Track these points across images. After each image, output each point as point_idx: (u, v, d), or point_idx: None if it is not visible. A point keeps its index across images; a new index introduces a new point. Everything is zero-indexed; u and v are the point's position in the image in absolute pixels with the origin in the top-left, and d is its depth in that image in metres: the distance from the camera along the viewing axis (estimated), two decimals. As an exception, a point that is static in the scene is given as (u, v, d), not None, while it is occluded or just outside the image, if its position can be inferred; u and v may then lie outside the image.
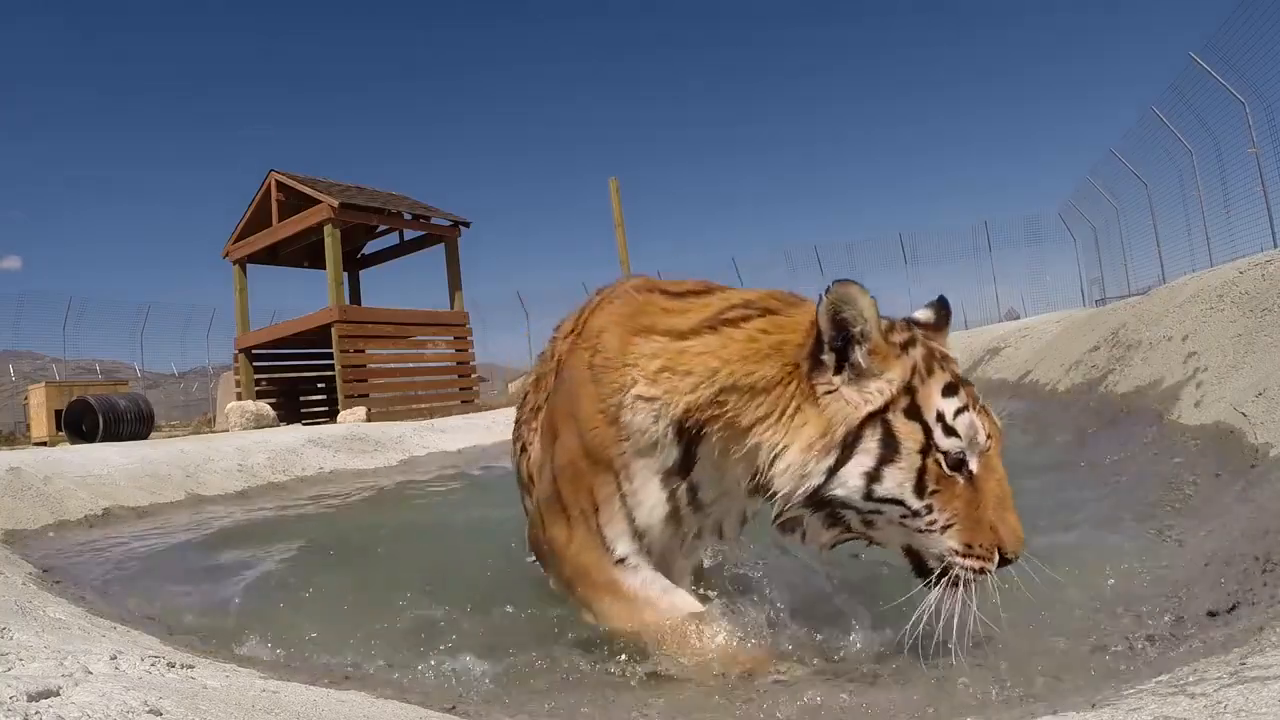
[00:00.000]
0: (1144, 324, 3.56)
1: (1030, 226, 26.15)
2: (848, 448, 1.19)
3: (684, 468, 1.36)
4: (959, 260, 32.30)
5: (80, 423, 9.12)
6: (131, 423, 8.89)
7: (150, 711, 0.83)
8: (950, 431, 1.19)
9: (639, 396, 1.33)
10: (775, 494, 1.23)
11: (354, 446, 6.08)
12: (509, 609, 1.77)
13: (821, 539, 1.28)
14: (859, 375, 1.22)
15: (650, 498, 1.38)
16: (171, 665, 1.14)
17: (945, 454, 1.18)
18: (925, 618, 1.19)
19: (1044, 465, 2.93)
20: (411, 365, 12.26)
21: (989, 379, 6.64)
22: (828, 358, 1.22)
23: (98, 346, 24.23)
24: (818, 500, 1.22)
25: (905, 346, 1.25)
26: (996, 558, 1.18)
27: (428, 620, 1.83)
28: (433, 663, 1.48)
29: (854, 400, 1.21)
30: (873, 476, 1.19)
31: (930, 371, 1.23)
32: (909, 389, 1.21)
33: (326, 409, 12.63)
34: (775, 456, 1.23)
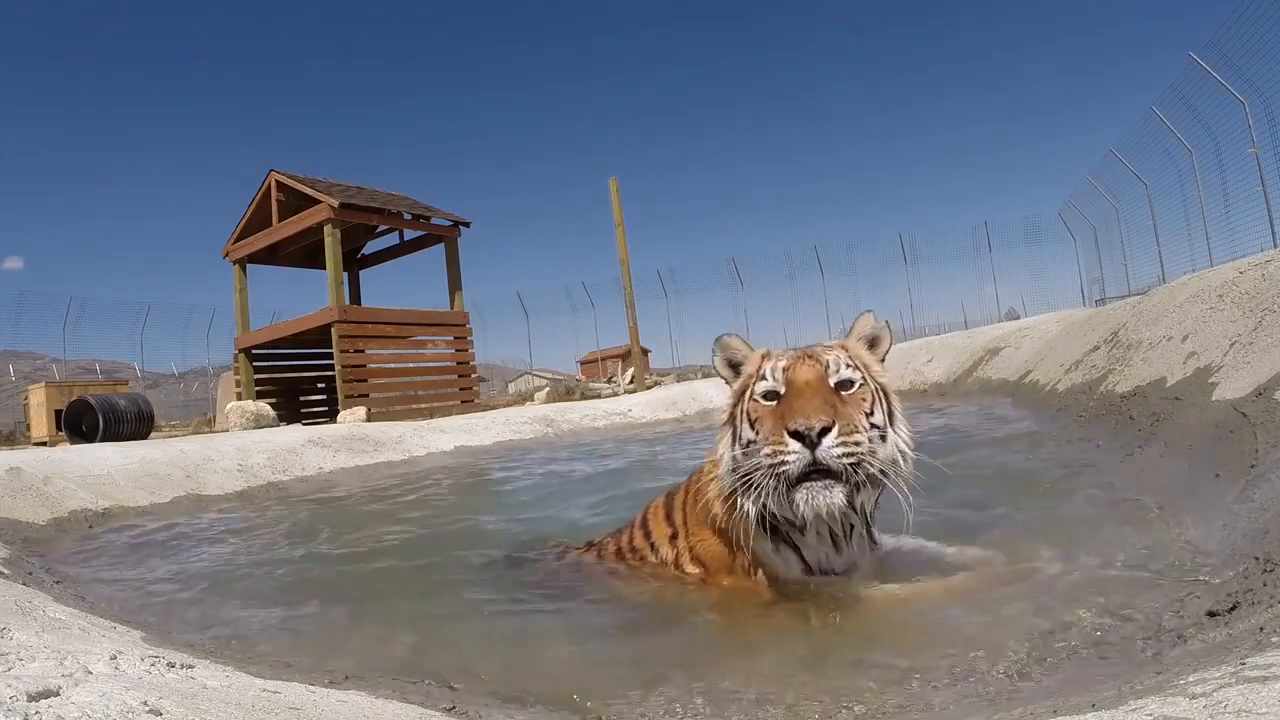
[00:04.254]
0: (1144, 324, 3.56)
1: (1030, 226, 26.19)
2: (730, 421, 1.70)
3: None
4: (959, 260, 32.44)
5: (80, 423, 9.11)
6: (131, 423, 8.88)
7: (150, 711, 0.83)
8: (763, 378, 1.64)
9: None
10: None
11: (354, 446, 6.07)
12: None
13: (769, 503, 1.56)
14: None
15: None
16: (171, 665, 1.13)
17: (761, 393, 1.61)
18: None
19: (1043, 466, 2.93)
20: (411, 365, 12.25)
21: (989, 379, 6.64)
22: (734, 384, 1.74)
23: (98, 346, 24.24)
24: (738, 471, 1.59)
25: (765, 357, 1.71)
26: (786, 438, 1.46)
27: (429, 618, 1.82)
28: (433, 661, 1.48)
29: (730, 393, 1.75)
30: (736, 434, 1.65)
31: (768, 357, 1.69)
32: (758, 370, 1.67)
33: (326, 409, 12.63)
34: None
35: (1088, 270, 25.01)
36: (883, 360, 1.74)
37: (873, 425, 1.55)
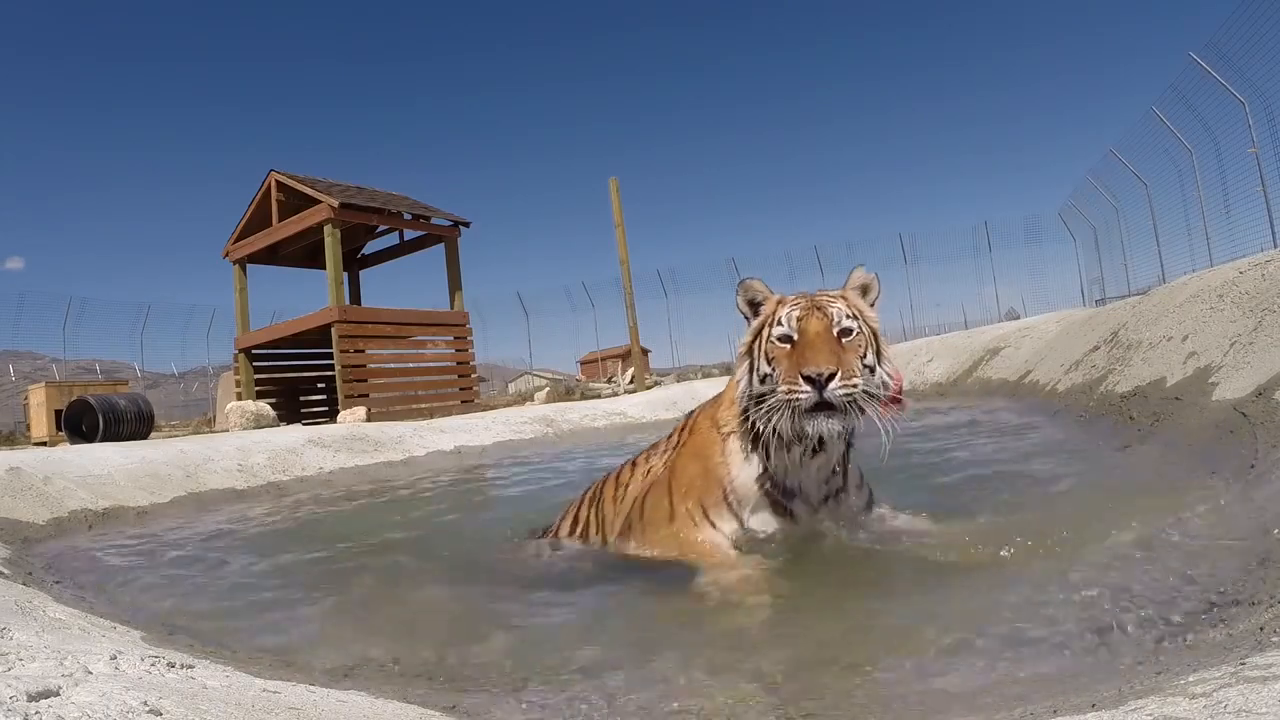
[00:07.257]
0: (1144, 324, 3.56)
1: (1030, 226, 26.16)
2: (749, 354, 1.96)
3: None
4: (959, 260, 32.48)
5: (80, 423, 9.10)
6: (131, 423, 8.87)
7: (150, 711, 0.83)
8: (778, 324, 1.89)
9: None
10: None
11: (354, 446, 6.07)
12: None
13: (781, 426, 1.83)
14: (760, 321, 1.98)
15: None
16: (171, 665, 1.13)
17: (777, 336, 1.88)
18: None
19: (1043, 465, 2.92)
20: (411, 365, 12.25)
21: (989, 379, 6.64)
22: (753, 322, 1.99)
23: (98, 346, 24.23)
24: (754, 397, 1.91)
25: (780, 302, 1.97)
26: (800, 380, 1.75)
27: (429, 617, 1.82)
28: (433, 660, 1.48)
29: (749, 329, 1.99)
30: (754, 366, 1.93)
31: (783, 303, 1.95)
32: (774, 314, 1.93)
33: (326, 409, 12.63)
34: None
35: (1088, 270, 25.02)
36: (873, 305, 2.03)
37: (865, 366, 1.86)
